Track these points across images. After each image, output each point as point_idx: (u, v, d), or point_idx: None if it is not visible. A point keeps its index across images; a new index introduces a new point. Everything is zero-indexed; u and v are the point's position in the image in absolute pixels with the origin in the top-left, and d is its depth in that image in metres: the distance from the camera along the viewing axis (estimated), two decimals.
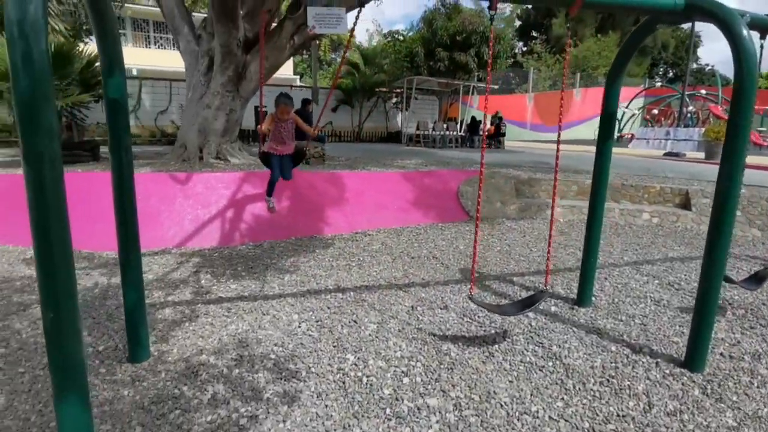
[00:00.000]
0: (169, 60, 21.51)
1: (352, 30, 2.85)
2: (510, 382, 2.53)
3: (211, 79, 7.24)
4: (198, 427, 2.10)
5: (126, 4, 18.00)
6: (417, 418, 2.20)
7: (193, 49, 7.47)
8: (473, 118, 16.84)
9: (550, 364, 2.71)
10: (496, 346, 2.93)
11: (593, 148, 3.52)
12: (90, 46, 8.36)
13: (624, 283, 4.09)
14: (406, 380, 2.51)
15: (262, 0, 6.67)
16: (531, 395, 2.40)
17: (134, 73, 19.53)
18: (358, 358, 2.73)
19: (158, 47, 23.67)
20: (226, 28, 6.48)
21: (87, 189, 5.62)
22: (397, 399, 2.34)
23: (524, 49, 38.95)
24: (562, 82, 2.79)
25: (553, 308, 3.53)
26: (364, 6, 3.35)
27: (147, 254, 4.76)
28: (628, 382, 2.49)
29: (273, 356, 2.73)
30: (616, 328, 3.17)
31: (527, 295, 3.32)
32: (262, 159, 3.87)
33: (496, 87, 21.29)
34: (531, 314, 3.38)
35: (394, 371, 2.60)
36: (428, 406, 2.28)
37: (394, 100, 21.43)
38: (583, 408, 2.29)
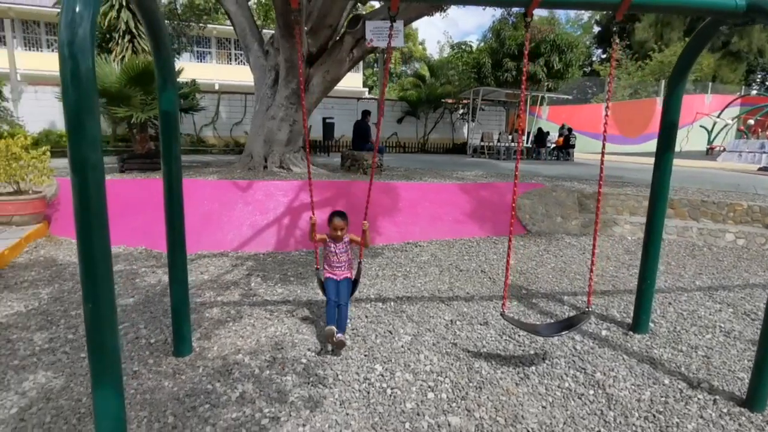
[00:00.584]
0: (246, 75, 22.99)
1: (388, 44, 2.84)
2: (543, 407, 2.38)
3: (276, 92, 7.63)
4: (223, 423, 2.20)
5: (210, 25, 19.55)
6: None
7: (261, 64, 7.93)
8: (540, 129, 16.22)
9: (591, 392, 2.52)
10: (533, 367, 2.77)
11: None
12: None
13: (691, 310, 3.70)
14: (431, 395, 2.45)
15: (324, 16, 6.95)
16: (564, 424, 2.24)
17: (216, 87, 21.10)
18: (386, 369, 2.71)
19: (238, 63, 25.38)
20: (290, 44, 6.82)
21: (160, 194, 6.14)
22: (418, 414, 2.29)
23: (603, 56, 37.01)
24: (608, 91, 2.61)
25: (603, 332, 3.28)
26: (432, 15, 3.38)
27: (207, 256, 5.09)
28: (677, 420, 2.25)
29: (304, 360, 2.79)
30: (673, 359, 2.88)
31: (566, 317, 3.12)
32: (319, 284, 3.21)
33: (569, 97, 20.38)
34: (577, 337, 3.17)
35: (421, 385, 2.55)
36: (449, 425, 2.21)
37: (461, 111, 21.25)
38: None
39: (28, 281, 4.10)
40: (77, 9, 1.58)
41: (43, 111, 13.72)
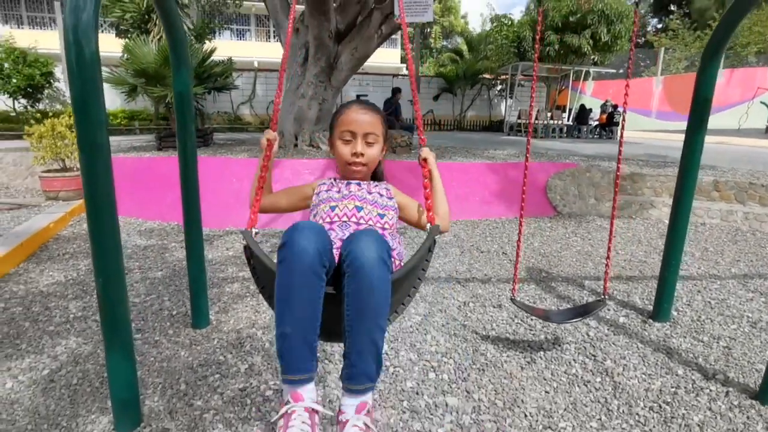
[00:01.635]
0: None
1: (402, 17, 2.79)
2: (545, 392, 2.36)
3: (306, 70, 7.66)
4: (230, 392, 2.32)
5: (249, 2, 19.67)
6: (431, 415, 2.17)
7: (292, 42, 7.96)
8: (582, 106, 15.50)
9: (598, 379, 2.47)
10: (541, 353, 2.74)
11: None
12: (207, 45, 9.35)
13: (720, 298, 3.52)
14: (432, 375, 2.48)
15: None
16: (564, 410, 2.22)
17: (255, 65, 21.39)
18: (391, 348, 2.75)
19: (277, 40, 25.54)
20: (319, 21, 6.79)
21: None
22: (417, 393, 2.33)
23: (658, 26, 34.61)
24: (629, 66, 2.45)
25: (621, 319, 3.19)
26: None
27: (234, 232, 5.27)
28: (684, 411, 2.17)
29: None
30: (691, 349, 2.76)
31: (582, 303, 3.03)
32: (251, 268, 1.53)
33: (614, 71, 19.31)
34: (592, 323, 3.09)
35: (423, 365, 2.58)
36: (446, 405, 2.24)
37: (499, 87, 20.63)
38: None
39: (70, 253, 4.40)
40: None
41: None
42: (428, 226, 1.34)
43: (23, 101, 12.07)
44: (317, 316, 1.08)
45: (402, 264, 1.24)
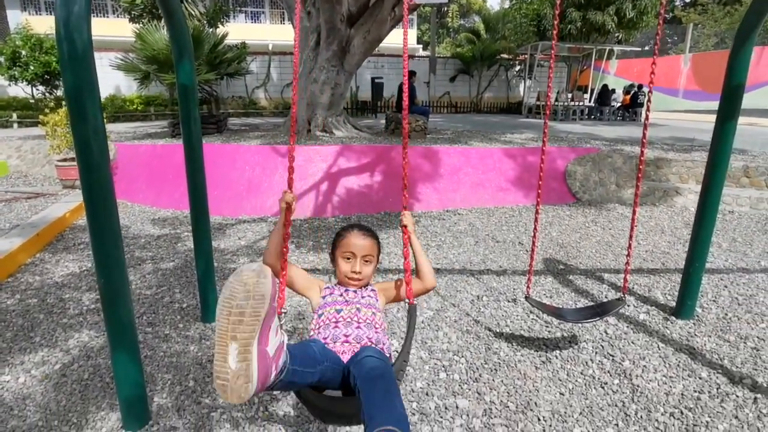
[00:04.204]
0: None
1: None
2: (560, 394, 2.28)
3: (318, 54, 7.52)
4: None
5: None
6: (441, 417, 2.11)
7: (304, 26, 7.80)
8: (605, 86, 14.98)
9: (616, 381, 2.38)
10: (557, 351, 2.65)
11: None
12: (220, 30, 9.25)
13: (749, 294, 3.35)
14: (442, 375, 2.42)
15: None
16: (579, 414, 2.13)
17: (270, 48, 21.20)
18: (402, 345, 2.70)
19: (291, 23, 25.23)
20: (330, 4, 6.62)
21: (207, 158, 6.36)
22: (427, 394, 2.27)
23: (686, 1, 33.09)
24: (656, 42, 2.25)
25: (642, 316, 3.06)
26: None
27: (247, 221, 5.26)
28: (708, 419, 2.07)
29: (288, 325, 2.83)
30: (716, 350, 2.64)
31: (599, 302, 2.92)
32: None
33: (639, 49, 18.56)
34: (611, 320, 2.98)
35: (435, 364, 2.52)
36: (456, 407, 2.18)
37: (518, 68, 20.09)
38: None
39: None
40: None
41: (107, 76, 14.46)
42: (408, 307, 1.57)
43: (41, 88, 12.21)
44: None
45: (388, 349, 1.45)
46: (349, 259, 1.54)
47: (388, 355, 1.40)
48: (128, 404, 2.00)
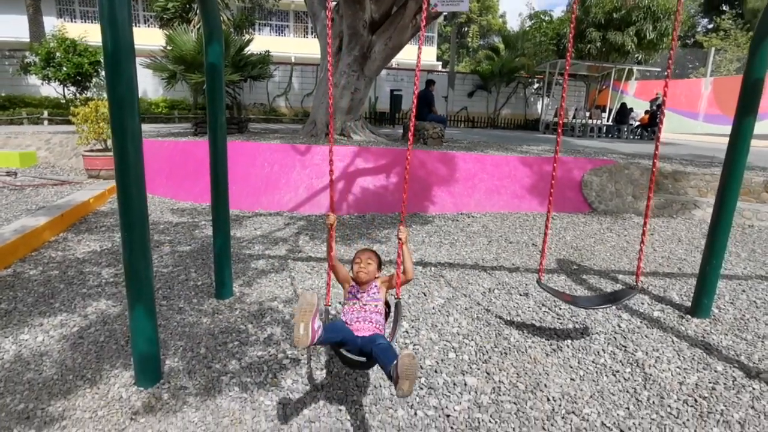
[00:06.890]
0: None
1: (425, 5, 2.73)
2: (571, 379, 2.25)
3: (339, 59, 7.68)
4: (248, 359, 2.33)
5: None
6: (449, 392, 2.11)
7: (327, 32, 7.99)
8: (623, 104, 14.92)
9: (628, 370, 2.34)
10: (569, 341, 2.63)
11: None
12: (245, 37, 9.50)
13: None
14: (452, 355, 2.42)
15: None
16: (590, 397, 2.11)
17: (292, 60, 21.68)
18: (412, 327, 2.70)
19: (313, 36, 25.80)
20: (353, 10, 6.79)
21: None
22: (436, 371, 2.27)
23: (709, 26, 32.99)
24: (669, 57, 2.28)
25: (656, 313, 3.02)
26: None
27: (263, 215, 5.34)
28: (723, 407, 2.03)
29: (333, 312, 2.85)
30: (733, 347, 2.59)
31: (612, 290, 2.89)
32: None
33: (658, 70, 18.51)
34: (624, 315, 2.94)
35: (444, 345, 2.52)
36: (465, 384, 2.17)
37: (536, 85, 20.16)
38: (649, 423, 1.94)
39: (106, 226, 4.56)
40: None
41: None
42: (393, 303, 2.19)
43: (72, 89, 12.63)
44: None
45: (384, 327, 2.08)
46: (358, 263, 2.15)
47: (386, 333, 2.07)
48: (142, 360, 2.05)
